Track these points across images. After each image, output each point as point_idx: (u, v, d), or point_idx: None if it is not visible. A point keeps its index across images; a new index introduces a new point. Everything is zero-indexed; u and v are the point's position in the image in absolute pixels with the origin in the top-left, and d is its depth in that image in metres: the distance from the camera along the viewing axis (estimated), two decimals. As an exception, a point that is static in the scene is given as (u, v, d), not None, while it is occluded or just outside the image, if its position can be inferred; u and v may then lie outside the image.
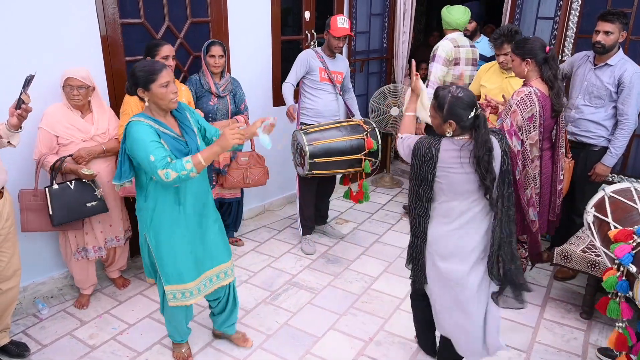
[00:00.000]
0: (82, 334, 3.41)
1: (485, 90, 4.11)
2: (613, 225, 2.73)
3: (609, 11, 3.66)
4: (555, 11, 4.59)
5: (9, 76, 3.20)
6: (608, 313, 2.57)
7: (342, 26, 4.18)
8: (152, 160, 2.44)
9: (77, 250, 3.55)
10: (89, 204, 3.34)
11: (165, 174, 2.44)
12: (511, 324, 3.55)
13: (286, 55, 5.16)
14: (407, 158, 2.63)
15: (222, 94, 4.05)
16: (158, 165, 2.43)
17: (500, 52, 3.95)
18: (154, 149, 2.46)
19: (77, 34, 3.56)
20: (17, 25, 3.26)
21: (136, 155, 2.50)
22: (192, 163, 2.46)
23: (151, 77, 2.51)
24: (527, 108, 3.25)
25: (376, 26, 6.11)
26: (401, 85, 5.68)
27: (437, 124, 2.51)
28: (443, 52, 4.59)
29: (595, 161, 3.94)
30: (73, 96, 3.31)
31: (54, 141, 3.32)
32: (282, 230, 5.06)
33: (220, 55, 3.96)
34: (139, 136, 2.48)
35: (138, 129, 2.50)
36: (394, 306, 3.75)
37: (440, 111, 2.43)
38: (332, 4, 5.48)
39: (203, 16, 4.32)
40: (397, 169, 6.84)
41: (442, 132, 2.48)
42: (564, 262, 3.61)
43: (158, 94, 2.53)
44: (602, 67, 3.79)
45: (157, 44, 3.59)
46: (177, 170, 2.44)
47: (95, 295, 3.83)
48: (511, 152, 3.32)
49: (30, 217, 3.26)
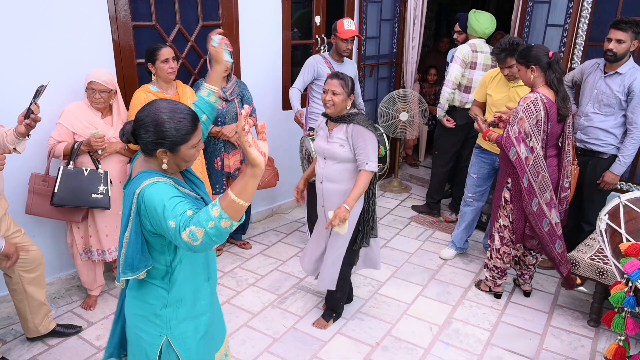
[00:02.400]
0: (89, 335, 3.43)
1: (492, 101, 4.08)
2: (625, 238, 2.67)
3: (622, 19, 3.65)
4: (565, 19, 4.59)
5: (22, 80, 3.25)
6: (613, 327, 2.54)
7: (348, 28, 4.22)
8: (173, 227, 1.69)
9: (83, 250, 3.57)
10: (94, 195, 3.32)
11: (189, 234, 1.65)
12: (518, 330, 3.55)
13: (296, 59, 5.18)
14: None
15: (229, 98, 4.06)
16: (180, 227, 1.67)
17: (504, 65, 3.86)
18: (172, 208, 1.72)
19: (89, 36, 3.59)
20: (29, 26, 3.30)
21: (156, 224, 1.77)
22: (219, 206, 1.63)
23: (184, 137, 1.86)
24: (532, 114, 3.26)
25: (386, 31, 6.13)
26: (410, 91, 5.69)
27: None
28: (460, 55, 4.74)
29: (604, 169, 3.93)
30: (95, 99, 3.35)
31: (70, 137, 3.35)
32: (290, 233, 5.07)
33: None
34: (158, 198, 1.75)
35: (157, 189, 1.78)
36: (401, 311, 3.75)
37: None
38: (343, 9, 5.50)
39: (214, 19, 4.35)
40: (405, 174, 6.84)
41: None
42: (572, 269, 3.60)
43: (186, 155, 1.91)
44: (612, 75, 3.79)
45: (156, 48, 3.57)
46: (201, 225, 1.63)
47: (102, 296, 3.86)
48: (517, 160, 3.34)
49: (35, 200, 3.31)
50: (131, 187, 1.85)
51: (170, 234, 1.71)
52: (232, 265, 4.37)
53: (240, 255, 4.53)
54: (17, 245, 2.85)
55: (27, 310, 3.16)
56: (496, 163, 4.18)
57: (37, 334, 3.26)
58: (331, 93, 3.11)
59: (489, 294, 3.98)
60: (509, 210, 3.66)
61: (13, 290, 3.11)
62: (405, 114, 5.61)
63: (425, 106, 5.70)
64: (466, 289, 4.07)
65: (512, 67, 3.79)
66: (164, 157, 1.86)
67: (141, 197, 1.79)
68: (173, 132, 1.82)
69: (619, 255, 2.60)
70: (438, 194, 5.52)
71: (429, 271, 4.35)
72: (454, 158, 5.31)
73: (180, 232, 1.66)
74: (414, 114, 5.65)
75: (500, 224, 3.75)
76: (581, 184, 3.98)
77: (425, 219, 5.45)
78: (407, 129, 5.68)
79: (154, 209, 1.74)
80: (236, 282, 4.10)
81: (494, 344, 3.42)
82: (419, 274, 4.29)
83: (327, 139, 3.25)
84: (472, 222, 4.51)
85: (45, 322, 3.27)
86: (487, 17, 4.79)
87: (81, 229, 3.54)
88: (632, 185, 4.40)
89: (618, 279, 2.60)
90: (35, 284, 3.13)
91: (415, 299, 3.91)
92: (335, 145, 3.18)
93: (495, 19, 4.81)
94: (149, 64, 3.60)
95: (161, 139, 1.82)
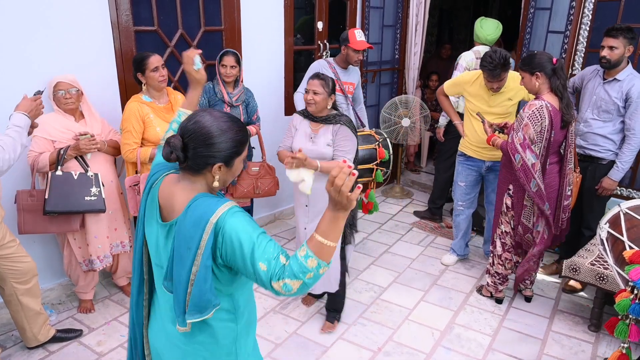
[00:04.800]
0: (89, 341, 3.42)
1: (472, 107, 4.02)
2: (628, 245, 2.65)
3: (613, 27, 3.69)
4: (566, 25, 4.60)
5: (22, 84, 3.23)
6: (616, 334, 2.55)
7: (361, 39, 4.24)
8: (264, 271, 1.52)
9: (83, 261, 3.53)
10: (88, 198, 3.24)
11: (283, 287, 1.52)
12: (519, 335, 3.55)
13: (299, 64, 5.20)
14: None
15: (234, 104, 4.05)
16: (273, 277, 1.52)
17: (498, 79, 3.76)
18: (263, 248, 1.54)
19: (90, 41, 3.60)
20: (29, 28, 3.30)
21: (235, 260, 1.56)
22: (314, 256, 1.50)
23: (241, 148, 1.70)
24: (538, 121, 3.28)
25: (388, 38, 6.16)
26: (412, 97, 5.71)
27: None
28: (464, 62, 4.78)
29: (603, 174, 3.94)
30: (65, 100, 3.30)
31: (50, 146, 3.29)
32: (292, 239, 5.07)
33: (232, 66, 3.91)
34: (246, 234, 1.55)
35: (241, 221, 1.57)
36: (403, 316, 3.75)
37: None
38: (345, 15, 5.52)
39: (217, 24, 4.37)
40: (407, 180, 6.85)
41: None
42: (573, 274, 3.60)
43: (237, 169, 1.75)
44: (611, 81, 3.81)
45: (144, 57, 3.44)
46: (298, 277, 1.50)
47: (103, 302, 3.85)
48: (523, 166, 3.35)
49: (26, 218, 3.19)
50: (196, 215, 1.57)
51: (256, 276, 1.54)
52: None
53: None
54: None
55: (24, 321, 3.14)
56: (482, 169, 4.20)
57: (36, 342, 3.24)
58: (312, 92, 3.20)
59: (491, 299, 3.98)
60: (510, 216, 3.67)
61: (8, 302, 3.09)
62: (407, 120, 5.63)
63: (427, 112, 5.71)
64: (468, 295, 4.07)
65: (502, 80, 3.77)
66: (217, 173, 1.65)
67: (219, 228, 1.55)
68: (231, 143, 1.63)
69: (622, 262, 2.58)
70: (440, 199, 5.53)
71: (431, 277, 4.35)
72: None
73: (271, 282, 1.52)
74: (416, 120, 5.66)
75: (501, 230, 3.75)
76: (581, 190, 3.99)
77: (427, 225, 5.46)
78: (409, 134, 5.69)
79: (239, 245, 1.53)
80: (238, 287, 4.09)
81: (496, 349, 3.42)
82: (420, 280, 4.29)
83: (311, 139, 3.30)
84: (467, 229, 4.52)
85: (44, 330, 3.24)
86: (491, 24, 4.81)
87: (78, 240, 3.49)
88: (632, 191, 4.40)
89: (621, 287, 2.60)
90: (29, 295, 3.10)
91: (417, 305, 3.92)
92: (321, 145, 3.25)
93: (501, 25, 4.83)
94: (139, 73, 3.47)
95: (220, 151, 1.61)
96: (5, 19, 3.19)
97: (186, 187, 1.67)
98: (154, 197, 1.74)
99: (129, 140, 3.45)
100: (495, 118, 3.88)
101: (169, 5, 4.02)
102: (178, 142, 1.59)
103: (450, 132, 5.11)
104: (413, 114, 5.63)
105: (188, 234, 1.56)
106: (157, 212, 1.71)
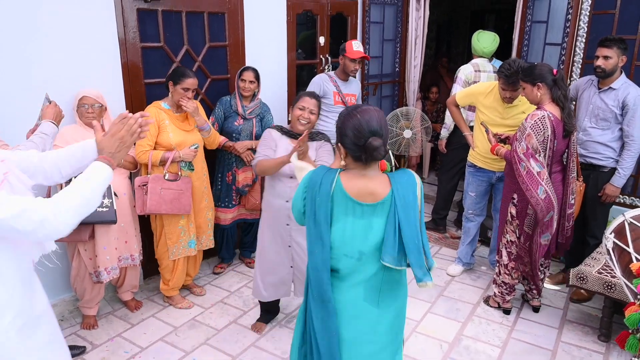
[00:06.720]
0: (93, 358, 3.39)
1: (485, 119, 4.03)
2: (635, 257, 2.66)
3: (607, 37, 3.79)
4: (563, 37, 4.67)
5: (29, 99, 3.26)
6: (627, 348, 2.51)
7: (357, 49, 4.31)
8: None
9: (94, 272, 3.52)
10: (99, 209, 3.20)
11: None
12: (529, 346, 3.54)
13: (301, 79, 5.24)
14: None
15: (248, 117, 4.16)
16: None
17: (514, 89, 3.76)
18: None
19: (98, 57, 3.65)
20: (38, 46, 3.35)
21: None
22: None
23: None
24: (540, 131, 3.31)
25: (389, 51, 6.23)
26: (413, 108, 5.74)
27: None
28: (463, 75, 4.82)
29: (605, 182, 3.99)
30: (88, 114, 3.37)
31: None
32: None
33: (250, 81, 4.13)
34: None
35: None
36: (410, 328, 3.73)
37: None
38: (346, 30, 5.59)
39: (221, 40, 4.41)
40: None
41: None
42: (580, 283, 3.60)
43: None
44: (607, 90, 3.88)
45: (183, 74, 3.63)
46: None
47: (107, 317, 3.83)
48: (528, 175, 3.37)
49: None
50: (405, 181, 2.07)
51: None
52: (238, 284, 4.36)
53: (246, 275, 4.52)
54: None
55: None
56: (492, 179, 4.23)
57: None
58: (309, 112, 3.22)
59: (498, 310, 3.98)
60: (515, 225, 3.68)
61: None
62: (408, 132, 5.66)
63: (428, 123, 5.75)
64: (475, 305, 4.07)
65: (518, 89, 3.73)
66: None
67: (421, 188, 2.10)
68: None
69: (630, 275, 2.58)
70: (444, 209, 5.55)
71: (437, 288, 4.34)
72: (460, 173, 5.34)
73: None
74: (417, 131, 5.69)
75: (507, 240, 3.76)
76: (584, 198, 4.02)
77: (431, 236, 5.46)
78: (410, 146, 5.72)
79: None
80: (243, 302, 4.08)
81: (506, 360, 3.42)
82: (426, 291, 4.27)
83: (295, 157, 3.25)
84: (475, 236, 4.54)
85: None
86: (487, 37, 4.86)
87: (89, 251, 3.49)
88: (635, 200, 4.43)
89: (630, 298, 2.60)
90: None
91: (424, 316, 3.91)
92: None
93: (498, 38, 4.88)
94: (171, 82, 3.66)
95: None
96: (18, 36, 3.23)
97: (375, 173, 2.09)
98: (339, 196, 2.06)
99: (142, 142, 3.55)
100: (508, 130, 3.89)
101: (174, 22, 4.06)
102: (380, 143, 1.99)
103: (452, 143, 5.15)
104: (414, 125, 5.66)
105: (408, 199, 2.02)
106: (351, 205, 2.05)
